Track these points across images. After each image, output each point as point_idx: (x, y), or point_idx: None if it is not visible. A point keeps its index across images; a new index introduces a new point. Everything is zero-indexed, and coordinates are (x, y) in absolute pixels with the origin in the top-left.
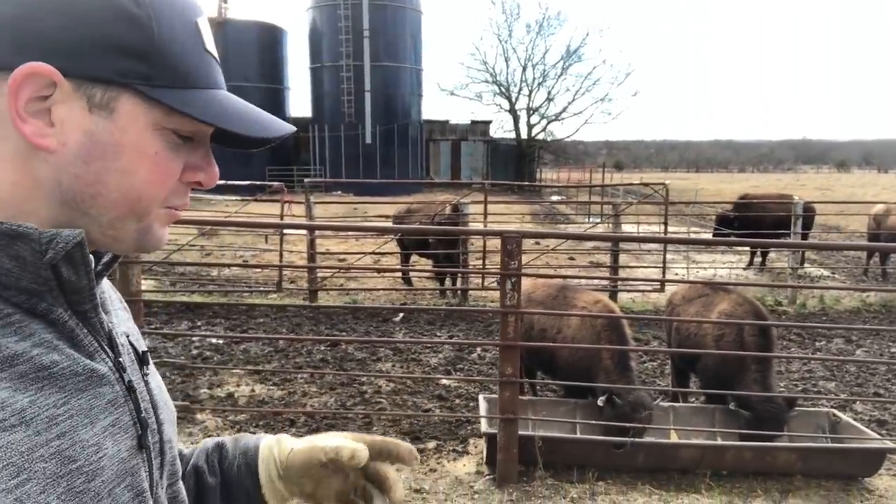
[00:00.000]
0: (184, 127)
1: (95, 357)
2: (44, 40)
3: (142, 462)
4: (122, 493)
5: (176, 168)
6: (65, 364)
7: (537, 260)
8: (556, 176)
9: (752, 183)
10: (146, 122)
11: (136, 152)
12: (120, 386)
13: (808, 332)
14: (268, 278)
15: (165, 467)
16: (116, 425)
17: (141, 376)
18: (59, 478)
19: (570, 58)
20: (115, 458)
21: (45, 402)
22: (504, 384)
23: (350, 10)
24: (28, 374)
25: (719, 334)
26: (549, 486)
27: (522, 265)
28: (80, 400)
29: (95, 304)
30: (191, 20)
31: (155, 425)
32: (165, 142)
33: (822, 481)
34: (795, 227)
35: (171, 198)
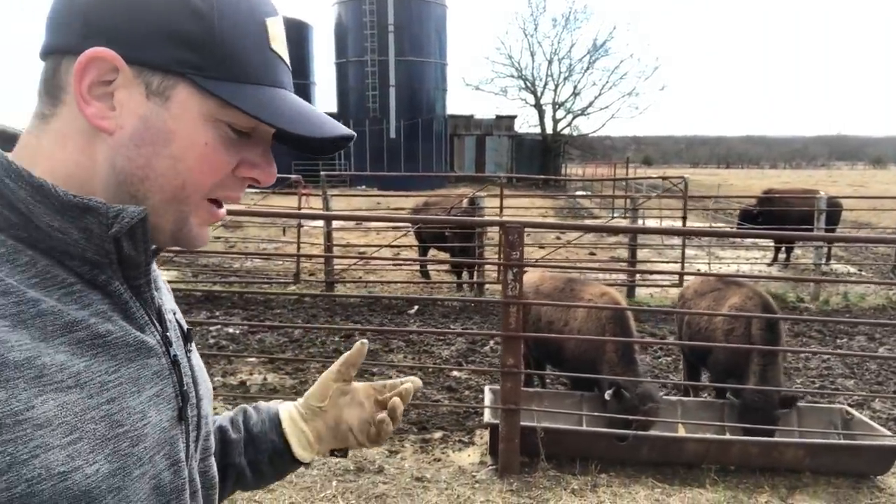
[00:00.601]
0: (239, 121)
1: (145, 330)
2: (110, 28)
3: (180, 433)
4: (161, 460)
5: (226, 161)
6: (118, 334)
7: (556, 254)
8: (582, 171)
9: (783, 179)
10: (199, 112)
11: (187, 140)
12: (166, 359)
13: (829, 329)
14: (287, 270)
15: (200, 441)
16: (160, 396)
17: (185, 352)
18: (107, 440)
19: (596, 52)
20: (157, 427)
21: (99, 368)
22: (506, 375)
23: (375, 5)
24: (85, 340)
25: (729, 328)
26: (551, 478)
27: (542, 258)
28: (130, 369)
29: (149, 280)
30: (259, 18)
31: (194, 400)
32: (218, 134)
33: (832, 479)
34: (819, 222)
35: (217, 189)
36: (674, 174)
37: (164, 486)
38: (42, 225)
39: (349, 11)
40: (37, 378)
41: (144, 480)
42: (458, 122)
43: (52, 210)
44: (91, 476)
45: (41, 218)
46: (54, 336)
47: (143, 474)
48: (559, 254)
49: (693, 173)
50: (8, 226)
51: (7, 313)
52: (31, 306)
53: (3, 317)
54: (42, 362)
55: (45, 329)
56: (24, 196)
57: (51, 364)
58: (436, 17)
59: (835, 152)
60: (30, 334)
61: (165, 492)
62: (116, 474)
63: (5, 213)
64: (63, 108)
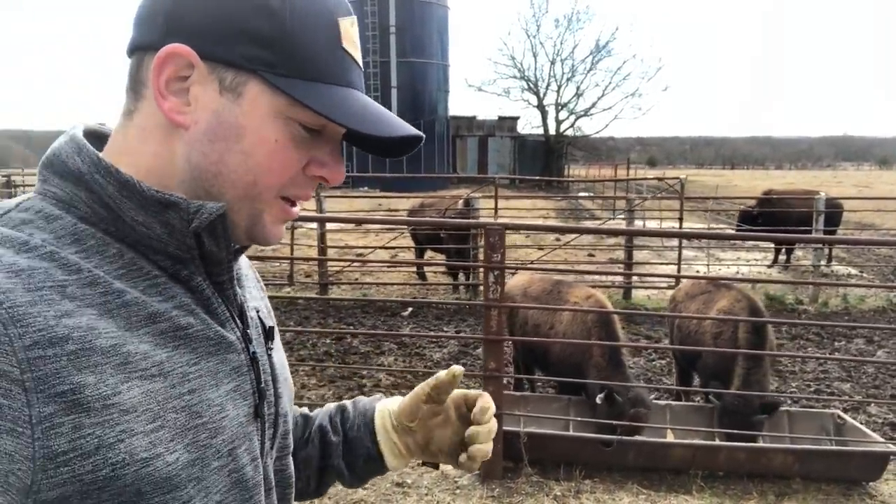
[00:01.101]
0: (309, 120)
1: (226, 325)
2: (188, 25)
3: (255, 430)
4: (242, 455)
5: (295, 159)
6: (199, 328)
7: (554, 255)
8: (585, 172)
9: (788, 180)
10: (270, 108)
11: (257, 137)
12: (245, 355)
13: (827, 332)
14: (283, 271)
15: (277, 439)
16: (238, 391)
17: (265, 349)
18: (187, 430)
19: (599, 52)
20: (235, 421)
21: (180, 359)
22: (488, 378)
23: (377, 6)
24: (167, 332)
25: (717, 332)
26: (534, 483)
27: (538, 259)
28: (210, 363)
29: (231, 277)
30: (331, 17)
31: (272, 398)
32: (288, 131)
33: (822, 485)
34: (817, 223)
35: (289, 187)
36: (674, 175)
37: (245, 481)
38: (128, 219)
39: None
40: (123, 365)
41: (224, 473)
42: (461, 123)
43: (136, 205)
44: (171, 464)
45: (127, 213)
46: (138, 326)
47: (221, 467)
48: (557, 255)
49: (697, 174)
50: (98, 220)
51: (95, 302)
52: (117, 297)
53: (91, 305)
54: (127, 350)
55: (129, 319)
56: (112, 192)
57: (135, 352)
58: (438, 19)
59: (841, 153)
60: (116, 323)
61: (245, 487)
62: (196, 464)
63: (96, 208)
64: (144, 104)
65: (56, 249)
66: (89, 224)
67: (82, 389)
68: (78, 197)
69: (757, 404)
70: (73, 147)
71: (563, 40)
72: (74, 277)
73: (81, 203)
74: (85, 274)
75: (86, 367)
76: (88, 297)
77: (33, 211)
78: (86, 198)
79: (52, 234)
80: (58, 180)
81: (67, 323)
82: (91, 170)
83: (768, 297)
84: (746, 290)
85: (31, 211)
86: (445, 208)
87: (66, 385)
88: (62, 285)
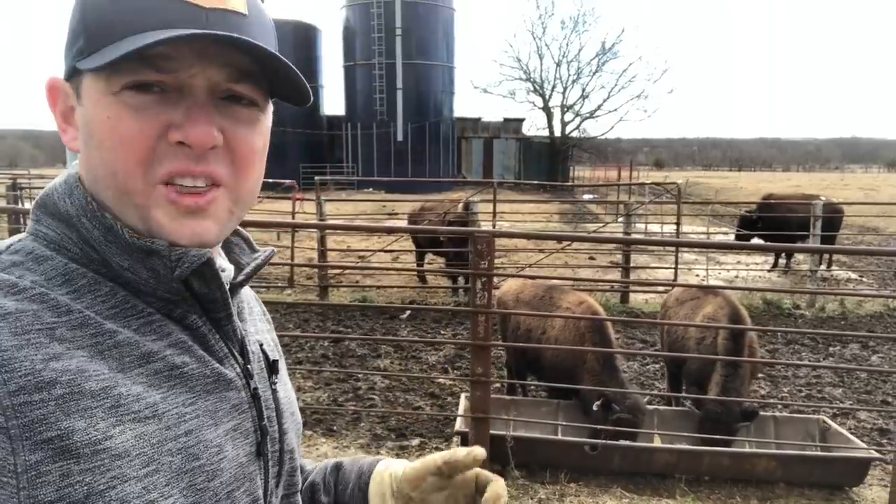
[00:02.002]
0: (128, 79)
1: (224, 362)
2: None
3: (258, 469)
4: (241, 497)
5: (138, 129)
6: (195, 366)
7: (554, 258)
8: (591, 174)
9: (794, 182)
10: (96, 92)
11: (95, 123)
12: (245, 392)
13: (822, 337)
14: (284, 274)
15: (283, 477)
16: (238, 430)
17: (269, 384)
18: (183, 473)
19: (605, 54)
20: (234, 462)
21: (176, 399)
22: (475, 383)
23: (383, 8)
24: (162, 371)
25: (700, 337)
26: (519, 486)
27: (537, 262)
28: (207, 401)
29: (229, 314)
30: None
31: (276, 434)
32: (119, 104)
33: (805, 490)
34: (815, 228)
35: (155, 165)
36: (677, 178)
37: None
38: (114, 264)
39: (357, 15)
40: (114, 408)
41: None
42: (466, 124)
43: (121, 250)
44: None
45: (112, 258)
46: (131, 367)
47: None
48: (558, 258)
49: (703, 176)
50: (89, 261)
51: (85, 344)
52: (109, 337)
53: (82, 347)
54: (119, 392)
55: (122, 360)
56: (98, 236)
57: (127, 394)
58: (443, 20)
59: (848, 155)
60: (107, 365)
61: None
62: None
63: (86, 249)
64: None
65: (46, 291)
66: (80, 264)
67: (71, 435)
68: (69, 238)
69: (737, 411)
70: (65, 189)
71: (569, 42)
72: (64, 319)
73: (72, 244)
74: (75, 315)
75: (75, 412)
76: (79, 338)
77: (24, 252)
78: (76, 239)
79: (43, 276)
80: (49, 220)
81: (56, 366)
82: (79, 213)
83: (765, 301)
84: (735, 296)
85: (21, 252)
86: (445, 212)
87: (54, 431)
88: (51, 328)
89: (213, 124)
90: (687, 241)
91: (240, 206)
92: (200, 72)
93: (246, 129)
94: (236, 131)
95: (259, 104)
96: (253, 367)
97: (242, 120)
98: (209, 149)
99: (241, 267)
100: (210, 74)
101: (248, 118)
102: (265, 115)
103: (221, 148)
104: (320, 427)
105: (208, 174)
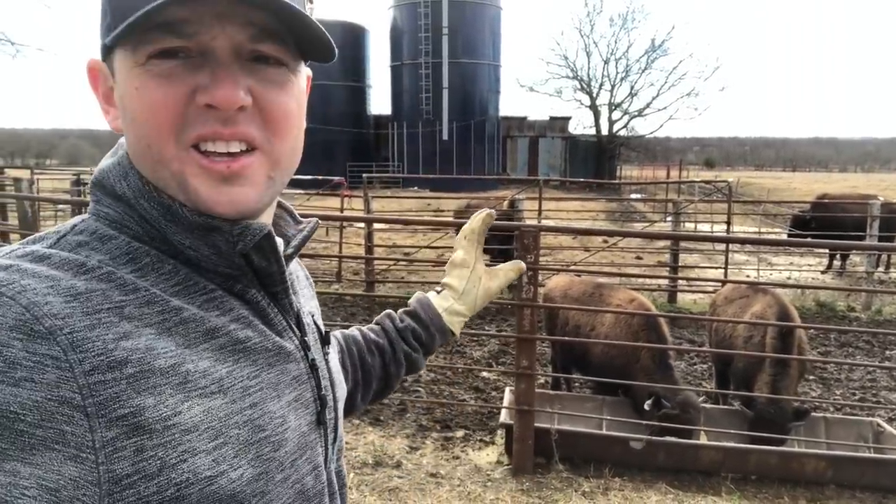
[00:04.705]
0: (163, 45)
1: (284, 335)
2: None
3: (318, 437)
4: (303, 465)
5: (163, 94)
6: (257, 340)
7: (600, 257)
8: (639, 173)
9: (851, 183)
10: (125, 66)
11: (128, 97)
12: (304, 363)
13: (878, 340)
14: (332, 269)
15: (337, 443)
16: (299, 400)
17: (322, 355)
18: (250, 444)
19: (654, 51)
20: (297, 432)
21: (241, 373)
22: (520, 376)
23: (430, 8)
24: (226, 346)
25: (748, 336)
26: (563, 479)
27: (580, 261)
28: (270, 374)
29: (286, 287)
30: None
31: (332, 402)
32: (146, 73)
33: (857, 492)
34: (872, 228)
35: (185, 130)
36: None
37: (307, 490)
38: (175, 242)
39: (404, 15)
40: (182, 384)
41: (287, 485)
42: (512, 123)
43: (182, 228)
44: (236, 480)
45: (173, 236)
46: (197, 343)
47: (285, 479)
48: (604, 257)
49: (756, 176)
50: (150, 238)
51: (153, 322)
52: (175, 314)
53: (149, 325)
54: (186, 369)
55: (188, 336)
56: (157, 216)
57: (195, 370)
58: (490, 19)
59: None
60: (174, 341)
61: (308, 497)
62: (260, 479)
63: (147, 227)
64: None
65: (113, 270)
66: (143, 242)
67: (142, 412)
68: (130, 217)
69: (789, 411)
70: (119, 171)
71: (617, 39)
72: (132, 297)
73: (133, 223)
74: (142, 293)
75: (145, 390)
76: (146, 316)
77: (88, 233)
78: (137, 218)
79: (108, 255)
80: (110, 200)
81: (126, 345)
82: (136, 195)
83: (819, 303)
84: (786, 297)
85: (86, 233)
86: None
87: (127, 409)
88: (120, 306)
89: (238, 85)
90: (737, 237)
91: (279, 171)
92: (221, 32)
93: (276, 90)
94: (266, 92)
95: (288, 64)
96: (309, 338)
97: (271, 80)
98: (238, 110)
99: (288, 239)
100: (231, 34)
101: (277, 78)
102: (296, 76)
103: (252, 109)
104: (367, 416)
105: (239, 135)
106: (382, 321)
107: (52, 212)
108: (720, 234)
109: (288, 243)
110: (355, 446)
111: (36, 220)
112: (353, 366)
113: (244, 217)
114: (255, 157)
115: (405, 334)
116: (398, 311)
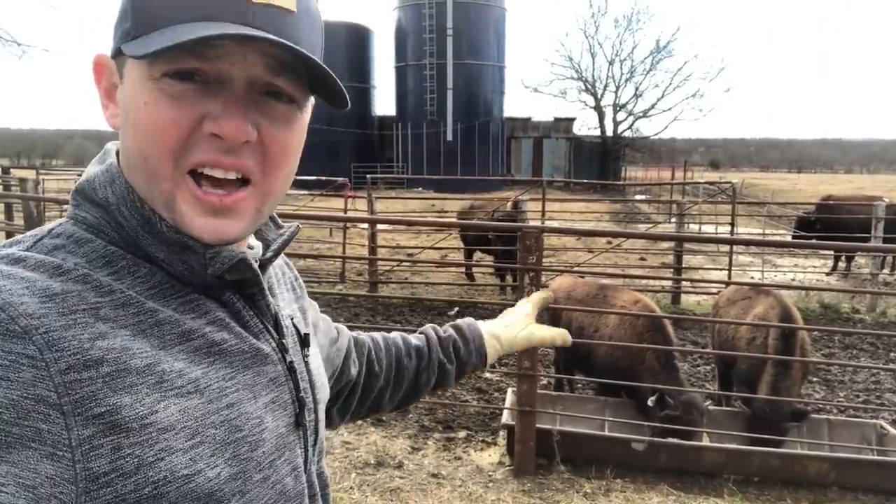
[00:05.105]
0: (171, 66)
1: (261, 337)
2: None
3: (297, 439)
4: (282, 466)
5: (171, 117)
6: (233, 342)
7: (604, 258)
8: (644, 174)
9: (857, 184)
10: (138, 76)
11: (134, 106)
12: (282, 366)
13: (882, 342)
14: (336, 269)
15: (318, 445)
16: (276, 402)
17: (302, 357)
18: (227, 444)
19: (659, 53)
20: (275, 433)
21: (216, 374)
22: (522, 377)
23: (434, 9)
24: (202, 348)
25: (751, 338)
26: (565, 480)
27: (584, 262)
28: (246, 376)
29: (262, 289)
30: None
31: (311, 405)
32: (159, 91)
33: (860, 494)
34: (876, 230)
35: (186, 154)
36: (732, 178)
37: (288, 491)
38: (150, 253)
39: (409, 16)
40: (158, 384)
41: (267, 485)
42: (516, 124)
43: (158, 241)
44: (213, 479)
45: (149, 248)
46: (173, 344)
47: (264, 479)
48: (608, 258)
49: (762, 177)
50: (126, 244)
51: (128, 323)
52: (150, 316)
53: (125, 326)
54: (162, 369)
55: (163, 338)
56: (135, 225)
57: (170, 370)
58: (494, 20)
59: None
60: (150, 343)
61: (288, 497)
62: (237, 478)
63: (124, 234)
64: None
65: (89, 272)
66: (119, 247)
67: (119, 410)
68: (107, 223)
69: (787, 411)
70: (107, 177)
71: (622, 40)
72: (108, 299)
73: (110, 228)
74: (118, 295)
75: (121, 389)
76: (122, 317)
77: (65, 236)
78: (114, 224)
79: (84, 258)
80: (89, 206)
81: (102, 345)
82: (119, 202)
83: (823, 305)
84: (790, 298)
85: (62, 236)
86: (493, 210)
87: (103, 407)
88: (95, 307)
89: (248, 119)
90: (741, 238)
91: (268, 204)
92: (241, 61)
93: (281, 128)
94: (271, 129)
95: (298, 101)
96: (287, 340)
97: (279, 118)
98: (242, 143)
99: (269, 244)
100: (249, 65)
101: (285, 116)
102: (303, 112)
103: (255, 143)
104: (370, 417)
105: (238, 167)
106: (426, 329)
107: (58, 212)
108: (724, 235)
109: (268, 247)
110: (357, 446)
111: (41, 220)
112: (388, 365)
113: (227, 244)
114: (248, 191)
115: (445, 344)
116: (444, 325)
